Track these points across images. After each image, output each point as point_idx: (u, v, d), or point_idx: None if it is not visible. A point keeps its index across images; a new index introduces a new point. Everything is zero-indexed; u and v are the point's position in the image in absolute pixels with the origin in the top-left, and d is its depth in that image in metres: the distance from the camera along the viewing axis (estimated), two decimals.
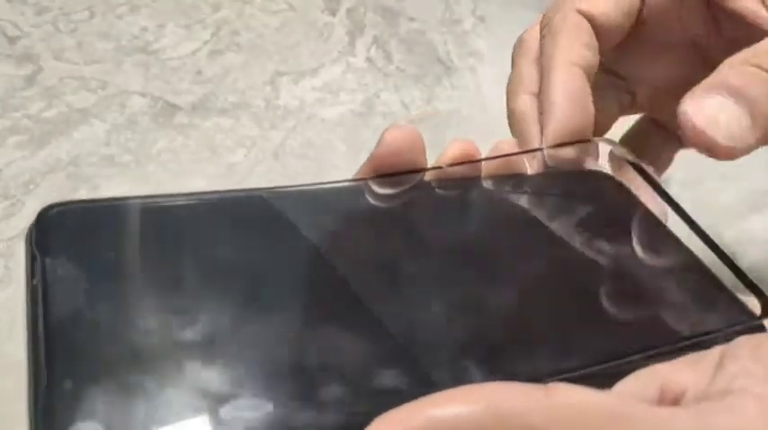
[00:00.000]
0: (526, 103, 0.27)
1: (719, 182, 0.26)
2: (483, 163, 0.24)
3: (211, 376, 0.16)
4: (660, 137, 0.32)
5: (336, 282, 0.19)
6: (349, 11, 0.50)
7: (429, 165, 0.23)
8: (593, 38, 0.27)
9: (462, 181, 0.24)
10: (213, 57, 0.45)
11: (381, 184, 0.22)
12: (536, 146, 0.26)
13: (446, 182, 0.23)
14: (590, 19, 0.27)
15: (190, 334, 0.17)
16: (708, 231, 0.24)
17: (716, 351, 0.18)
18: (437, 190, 0.23)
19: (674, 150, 0.32)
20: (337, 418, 0.16)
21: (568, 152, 0.26)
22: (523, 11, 0.52)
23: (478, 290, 0.21)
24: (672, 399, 0.17)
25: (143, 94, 0.42)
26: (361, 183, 0.22)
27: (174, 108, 0.42)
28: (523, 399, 0.15)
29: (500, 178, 0.24)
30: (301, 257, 0.20)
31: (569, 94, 0.26)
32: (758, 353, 0.17)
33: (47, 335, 0.16)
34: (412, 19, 0.51)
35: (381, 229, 0.22)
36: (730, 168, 0.30)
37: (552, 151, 0.25)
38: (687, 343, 0.20)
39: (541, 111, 0.26)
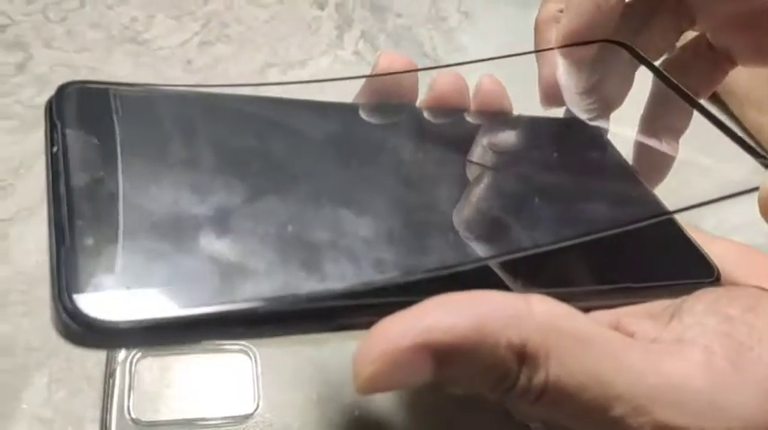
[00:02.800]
0: (549, 11, 0.27)
1: (695, 172, 0.27)
2: (471, 98, 0.26)
3: (215, 243, 0.17)
4: (711, 58, 0.29)
5: (326, 174, 0.22)
6: (337, 5, 0.51)
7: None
8: None
9: (451, 111, 0.26)
10: (203, 48, 0.46)
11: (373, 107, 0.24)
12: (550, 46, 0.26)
13: (436, 110, 0.25)
14: None
15: (199, 205, 0.18)
16: (688, 220, 0.25)
17: (674, 305, 0.19)
18: (427, 115, 0.25)
19: (724, 73, 0.30)
20: (333, 291, 0.17)
21: (580, 52, 0.26)
22: (507, 7, 0.53)
23: (448, 191, 0.23)
24: None
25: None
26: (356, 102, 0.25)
27: None
28: (508, 312, 0.16)
29: (485, 114, 0.26)
30: (295, 152, 0.22)
31: None
32: (714, 307, 0.18)
33: (68, 197, 0.16)
34: (399, 15, 0.52)
35: (367, 140, 0.24)
36: (705, 159, 0.31)
37: (564, 51, 0.26)
38: (640, 286, 0.21)
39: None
